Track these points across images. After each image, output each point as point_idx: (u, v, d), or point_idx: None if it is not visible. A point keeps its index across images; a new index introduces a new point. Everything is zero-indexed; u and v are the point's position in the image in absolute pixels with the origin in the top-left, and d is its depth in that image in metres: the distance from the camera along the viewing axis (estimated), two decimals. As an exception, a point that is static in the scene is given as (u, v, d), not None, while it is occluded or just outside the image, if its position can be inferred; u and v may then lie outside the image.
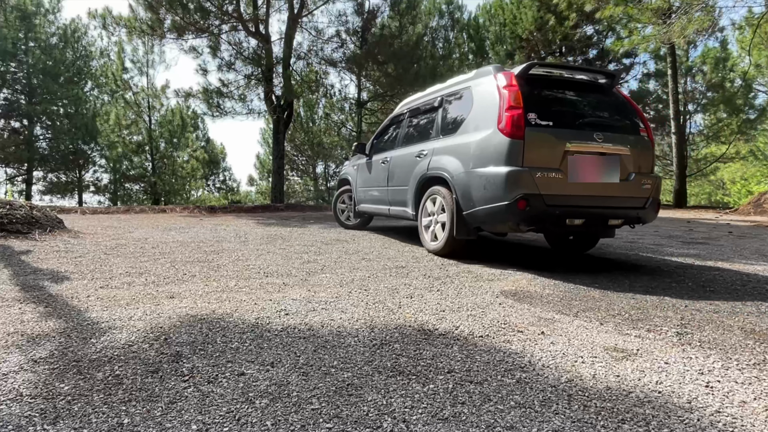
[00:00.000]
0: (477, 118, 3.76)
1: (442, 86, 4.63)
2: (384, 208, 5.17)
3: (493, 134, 3.47)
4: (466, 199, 3.66)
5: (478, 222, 3.66)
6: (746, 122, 17.64)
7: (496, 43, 19.19)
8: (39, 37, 19.00)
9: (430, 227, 4.21)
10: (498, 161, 3.41)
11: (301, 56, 14.45)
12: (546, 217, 3.38)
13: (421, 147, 4.45)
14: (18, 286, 2.65)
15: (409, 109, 5.13)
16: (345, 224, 6.53)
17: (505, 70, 3.71)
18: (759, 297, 2.70)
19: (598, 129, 3.55)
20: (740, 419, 1.28)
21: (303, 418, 1.24)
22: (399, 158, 4.85)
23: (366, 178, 5.67)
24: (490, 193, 3.43)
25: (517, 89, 3.45)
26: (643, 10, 11.45)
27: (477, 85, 3.92)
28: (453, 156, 3.88)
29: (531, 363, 1.64)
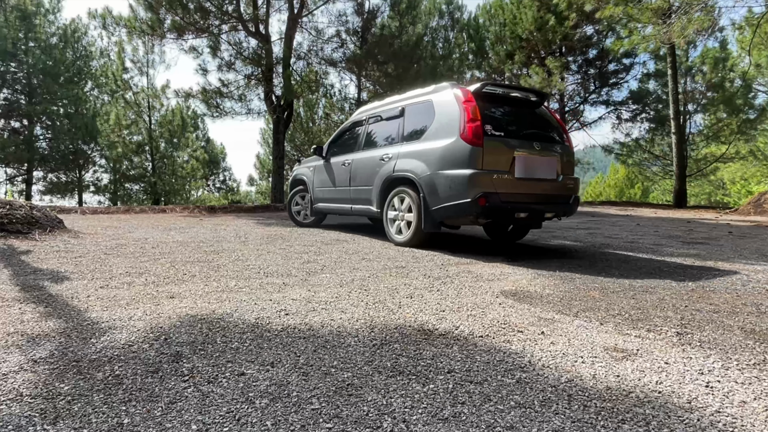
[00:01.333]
0: (440, 128, 4.34)
1: (401, 97, 5.20)
2: (346, 207, 5.56)
3: (456, 142, 4.10)
4: (433, 197, 4.24)
5: (444, 216, 4.24)
6: (746, 122, 17.64)
7: (496, 43, 19.19)
8: (39, 37, 18.99)
9: (396, 223, 4.75)
10: (462, 165, 4.04)
11: (301, 56, 14.45)
12: (500, 211, 4.08)
13: (385, 151, 4.95)
14: (18, 286, 2.65)
15: (369, 116, 5.57)
16: (300, 222, 6.80)
17: (462, 87, 4.35)
18: (759, 297, 2.70)
19: (536, 139, 4.32)
20: (740, 419, 1.28)
21: (303, 418, 1.24)
22: (362, 161, 5.30)
23: (324, 179, 6.02)
24: (456, 191, 4.04)
25: (475, 104, 4.10)
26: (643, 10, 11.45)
27: (438, 98, 4.51)
28: (418, 159, 4.44)
29: (531, 363, 1.64)
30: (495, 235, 5.44)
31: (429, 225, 4.36)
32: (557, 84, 17.08)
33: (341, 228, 6.60)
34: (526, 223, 4.95)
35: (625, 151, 20.59)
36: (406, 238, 4.60)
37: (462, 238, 5.64)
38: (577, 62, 19.13)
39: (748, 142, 18.77)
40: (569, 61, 18.64)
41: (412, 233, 4.51)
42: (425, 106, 4.67)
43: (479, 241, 5.37)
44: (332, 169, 5.88)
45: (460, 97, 4.23)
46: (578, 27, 17.32)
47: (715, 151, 19.88)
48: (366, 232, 6.13)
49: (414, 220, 4.46)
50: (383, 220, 4.93)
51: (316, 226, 6.65)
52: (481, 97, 4.24)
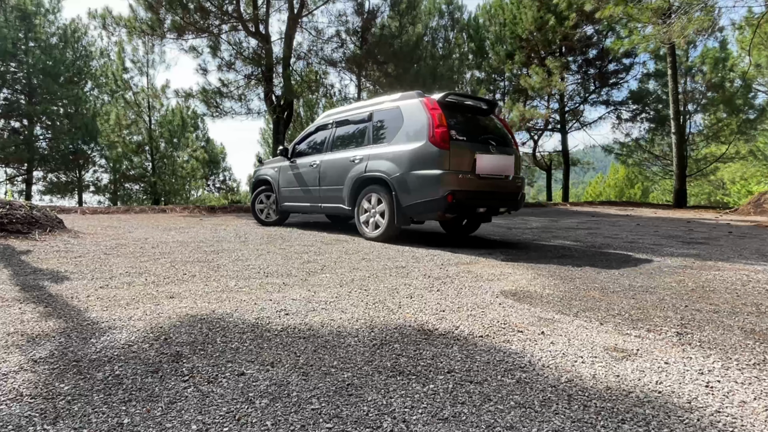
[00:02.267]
0: (409, 132, 4.77)
1: (367, 103, 5.62)
2: (315, 206, 5.90)
3: (425, 145, 4.56)
4: (404, 194, 4.68)
5: (415, 212, 4.72)
6: (746, 122, 17.65)
7: (496, 43, 19.19)
8: (39, 37, 18.99)
9: (368, 219, 5.14)
10: (431, 166, 4.50)
11: (301, 56, 14.44)
12: (464, 207, 4.61)
13: (355, 153, 5.32)
14: (18, 286, 2.65)
15: (335, 120, 5.91)
16: (263, 221, 6.93)
17: (427, 96, 4.83)
18: (759, 297, 2.70)
19: (491, 142, 4.86)
20: (740, 419, 1.28)
21: (303, 418, 1.24)
22: (331, 162, 5.64)
23: (291, 179, 6.28)
24: (426, 189, 4.52)
25: (441, 112, 4.59)
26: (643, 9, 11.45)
27: (406, 105, 4.94)
28: (390, 161, 4.84)
29: (531, 363, 1.64)
30: (450, 229, 5.99)
31: (401, 220, 4.83)
32: (557, 84, 17.07)
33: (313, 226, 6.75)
34: (478, 218, 5.63)
35: (625, 151, 20.59)
36: (379, 233, 5.00)
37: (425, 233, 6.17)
38: (577, 62, 19.13)
39: (748, 142, 18.77)
40: (569, 61, 18.64)
41: (384, 228, 4.92)
42: (393, 112, 5.07)
43: (438, 235, 6.00)
44: (299, 169, 6.15)
45: (427, 104, 4.70)
46: (578, 27, 17.32)
47: (715, 151, 19.89)
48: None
49: (386, 216, 4.88)
50: (355, 217, 5.30)
51: (279, 225, 6.81)
52: (444, 105, 4.75)
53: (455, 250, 4.42)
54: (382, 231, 4.97)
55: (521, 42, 18.50)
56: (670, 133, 16.22)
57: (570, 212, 12.24)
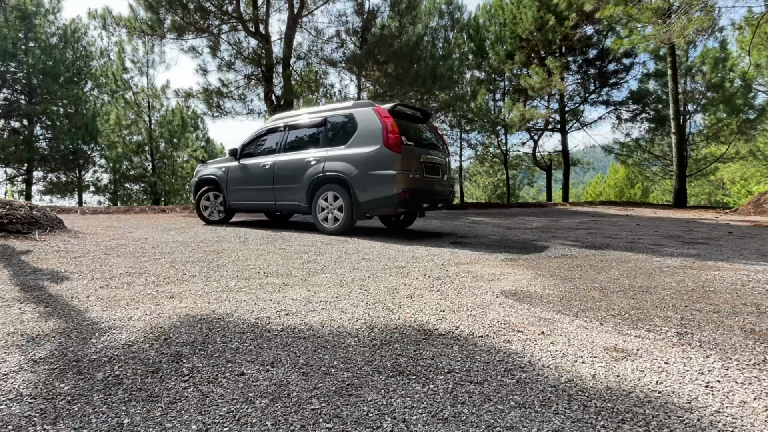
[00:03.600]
0: (365, 137, 5.33)
1: (319, 109, 6.12)
2: (269, 204, 6.23)
3: (381, 149, 5.16)
4: (362, 192, 5.25)
5: (372, 208, 5.31)
6: (746, 122, 17.65)
7: (496, 43, 19.20)
8: (39, 37, 19.00)
9: (326, 215, 5.64)
10: (386, 167, 5.12)
11: (301, 56, 14.45)
12: (413, 203, 5.30)
13: (311, 155, 5.75)
14: (18, 286, 2.65)
15: (286, 123, 6.28)
16: (209, 220, 7.01)
17: (379, 106, 5.45)
18: (759, 297, 2.70)
19: (430, 147, 5.74)
20: (740, 419, 1.28)
21: (303, 418, 1.24)
22: (286, 163, 6.00)
23: (241, 179, 6.51)
24: (382, 188, 5.13)
25: (392, 120, 5.22)
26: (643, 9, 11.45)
27: (359, 113, 5.50)
28: (347, 162, 5.37)
29: (531, 363, 1.64)
30: (389, 223, 6.73)
31: (358, 215, 5.42)
32: (557, 84, 17.07)
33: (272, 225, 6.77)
34: (415, 213, 6.53)
35: (625, 151, 20.61)
36: (337, 227, 5.52)
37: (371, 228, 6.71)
38: (577, 62, 19.14)
39: (748, 142, 18.78)
40: (569, 61, 18.64)
41: (342, 222, 5.47)
42: (347, 118, 5.62)
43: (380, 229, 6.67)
44: (251, 170, 6.39)
45: (379, 113, 5.32)
46: (578, 27, 17.33)
47: (715, 151, 19.90)
48: (364, 232, 6.13)
49: (344, 212, 5.43)
50: (312, 213, 5.76)
51: (224, 224, 6.92)
52: (393, 113, 5.40)
53: (455, 251, 4.42)
54: (339, 225, 5.49)
55: (521, 42, 18.51)
56: (670, 133, 16.23)
57: (570, 212, 12.24)
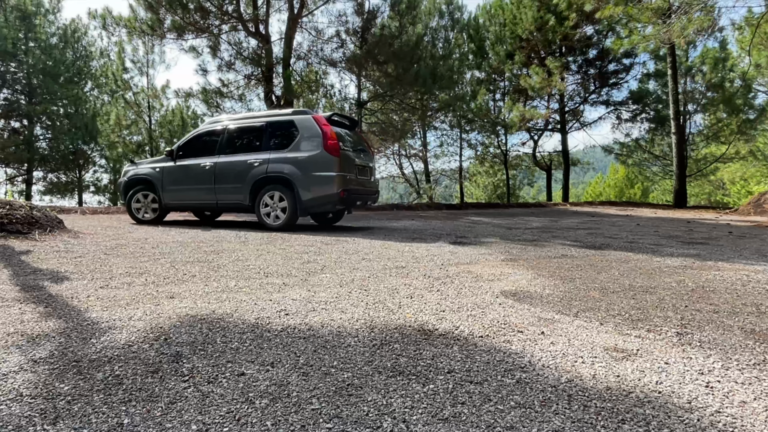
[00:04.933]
0: (306, 142, 5.95)
1: (259, 114, 6.64)
2: (209, 203, 6.61)
3: (321, 153, 5.84)
4: (305, 192, 5.86)
5: (314, 206, 5.95)
6: (746, 122, 17.65)
7: (496, 43, 19.19)
8: (39, 37, 18.99)
9: (270, 212, 6.11)
10: (327, 169, 5.80)
11: (301, 56, 14.45)
12: (350, 201, 6.04)
13: (254, 157, 6.21)
14: (18, 286, 2.65)
15: (225, 126, 6.64)
16: (140, 220, 7.06)
17: (316, 114, 6.12)
18: (759, 297, 2.70)
19: (361, 152, 6.56)
20: (740, 419, 1.28)
21: (303, 418, 1.24)
22: (228, 164, 6.40)
23: (179, 179, 6.76)
24: (324, 188, 5.80)
25: (330, 127, 5.94)
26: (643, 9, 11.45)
27: (300, 120, 6.10)
28: (290, 164, 5.95)
29: (531, 363, 1.64)
30: (320, 220, 7.32)
31: (301, 212, 6.02)
32: (557, 84, 17.07)
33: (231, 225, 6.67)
34: (342, 211, 7.06)
35: (625, 151, 20.60)
36: (281, 223, 6.03)
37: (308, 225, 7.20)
38: (577, 62, 19.13)
39: (748, 142, 18.78)
40: (569, 61, 18.64)
41: (286, 219, 6.00)
42: (288, 124, 6.16)
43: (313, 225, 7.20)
44: (189, 170, 6.65)
45: (319, 120, 5.98)
46: (578, 27, 17.33)
47: (715, 151, 19.89)
48: (363, 232, 6.12)
49: (288, 209, 5.97)
50: (256, 211, 6.21)
51: (157, 223, 6.96)
52: (330, 122, 6.10)
53: (455, 251, 4.42)
54: (283, 222, 6.01)
55: (521, 42, 18.50)
56: (670, 133, 16.22)
57: (570, 212, 12.24)
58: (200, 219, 8.04)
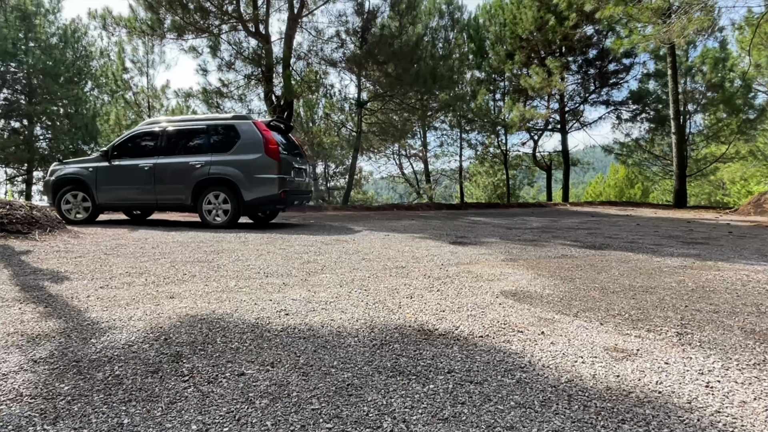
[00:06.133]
0: (248, 146, 6.34)
1: (200, 117, 6.96)
2: (149, 202, 6.78)
3: (263, 156, 6.25)
4: (248, 192, 6.26)
5: (256, 205, 6.42)
6: (746, 122, 17.64)
7: (496, 43, 19.18)
8: (39, 37, 18.98)
9: (212, 212, 6.44)
10: (269, 171, 6.23)
11: (301, 56, 14.45)
12: (289, 201, 6.60)
13: (195, 158, 6.48)
14: (18, 286, 2.65)
15: (163, 128, 6.80)
16: (71, 220, 6.96)
17: (256, 120, 6.53)
18: (759, 297, 2.70)
19: (298, 155, 7.09)
20: (740, 419, 1.28)
21: (303, 418, 1.24)
22: (168, 165, 6.59)
23: (115, 179, 6.84)
24: (266, 189, 6.24)
25: (270, 133, 6.38)
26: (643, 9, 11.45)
27: (241, 125, 6.47)
28: (233, 167, 6.31)
29: (531, 363, 1.64)
30: (256, 218, 7.64)
31: (244, 212, 6.44)
32: (557, 84, 17.07)
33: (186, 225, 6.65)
34: (276, 210, 7.55)
35: (625, 151, 20.59)
36: (223, 222, 6.38)
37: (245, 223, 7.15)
38: (577, 62, 19.12)
39: (748, 142, 18.77)
40: (569, 61, 18.62)
41: (229, 218, 6.37)
42: (229, 128, 6.50)
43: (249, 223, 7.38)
44: (127, 170, 6.74)
45: (259, 126, 6.39)
46: (578, 27, 17.32)
47: (715, 151, 19.88)
48: (363, 232, 6.12)
49: (231, 209, 6.34)
50: (198, 210, 6.48)
51: (90, 223, 6.88)
52: (269, 127, 6.50)
53: (455, 251, 4.42)
54: (226, 220, 6.37)
55: (521, 42, 18.49)
56: (670, 133, 16.21)
57: (570, 212, 12.24)
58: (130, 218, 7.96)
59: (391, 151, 23.48)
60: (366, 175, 25.68)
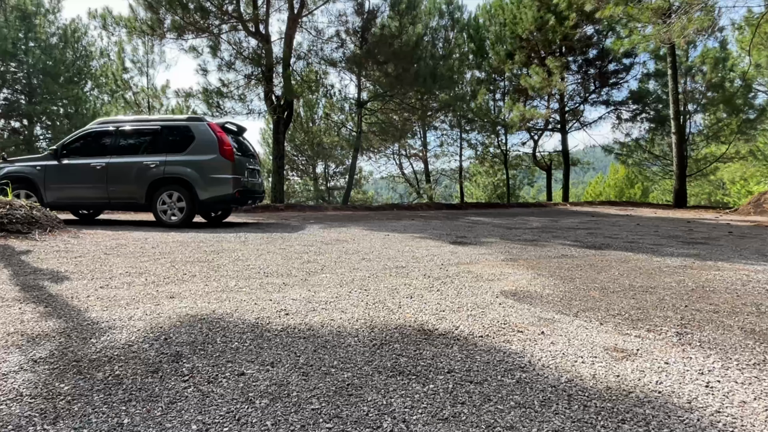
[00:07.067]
0: (202, 147, 6.46)
1: (154, 118, 7.01)
2: (101, 201, 6.78)
3: (218, 157, 6.40)
4: (203, 192, 6.38)
5: (211, 205, 6.65)
6: (746, 122, 17.65)
7: (496, 43, 19.19)
8: (39, 37, 18.98)
9: (166, 210, 6.50)
10: (224, 172, 6.41)
11: (301, 56, 14.46)
12: (243, 200, 6.78)
13: (149, 158, 6.53)
14: (18, 286, 2.65)
15: (116, 128, 6.83)
16: None
17: (211, 121, 6.66)
18: (759, 297, 2.70)
19: (251, 156, 7.34)
20: (740, 419, 1.28)
21: (303, 418, 1.24)
22: (122, 164, 6.62)
23: (65, 177, 6.79)
24: (222, 188, 6.41)
25: (224, 134, 6.54)
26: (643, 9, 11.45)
27: (195, 126, 6.57)
28: (188, 167, 6.40)
29: (531, 363, 1.64)
30: (208, 218, 7.72)
31: (199, 210, 6.60)
32: (557, 84, 17.07)
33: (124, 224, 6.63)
34: (229, 209, 7.81)
35: (625, 151, 20.60)
36: (178, 220, 6.46)
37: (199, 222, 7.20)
38: (577, 62, 19.13)
39: (748, 142, 18.77)
40: (569, 61, 18.63)
41: (185, 216, 6.45)
42: (184, 129, 6.58)
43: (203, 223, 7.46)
44: (78, 169, 6.72)
45: (214, 128, 6.53)
46: (578, 27, 17.32)
47: (715, 151, 19.88)
48: (363, 232, 6.12)
49: (186, 208, 6.43)
50: (153, 209, 6.52)
51: None
52: (223, 129, 6.66)
53: (455, 251, 4.42)
54: (181, 219, 6.45)
55: (521, 42, 18.50)
56: (670, 133, 16.22)
57: (570, 212, 12.24)
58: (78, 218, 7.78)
59: (391, 151, 23.49)
60: (366, 175, 25.71)
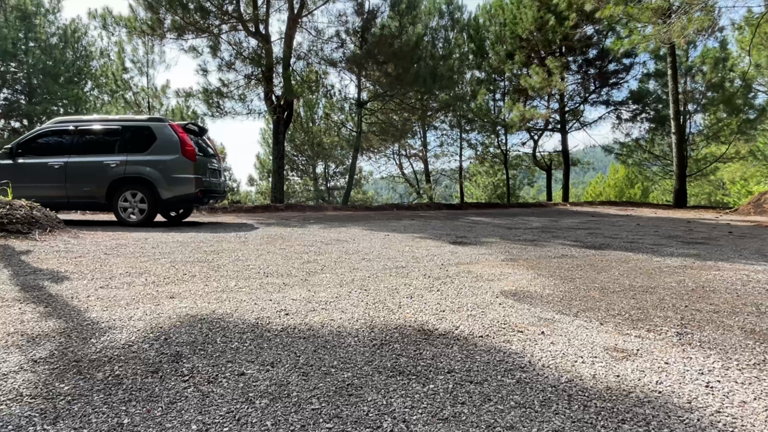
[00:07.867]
0: (164, 147, 6.57)
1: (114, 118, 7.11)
2: (59, 200, 6.72)
3: (180, 157, 6.53)
4: (165, 191, 6.48)
5: (173, 204, 6.94)
6: (746, 122, 17.65)
7: (496, 43, 19.18)
8: (39, 37, 18.98)
9: (127, 210, 6.57)
10: (186, 172, 6.54)
11: (301, 56, 14.45)
12: (205, 200, 6.93)
13: (110, 158, 6.59)
14: (18, 286, 2.65)
15: (77, 127, 6.83)
16: None
17: (172, 122, 6.81)
18: (759, 297, 2.70)
19: (212, 156, 7.41)
20: (740, 419, 1.28)
21: (303, 418, 1.24)
22: (81, 164, 6.64)
23: (21, 176, 6.75)
24: (184, 188, 6.54)
25: (186, 135, 6.66)
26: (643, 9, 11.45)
27: (156, 127, 6.68)
28: (150, 167, 6.50)
29: (531, 363, 1.64)
30: (169, 216, 7.81)
31: (162, 209, 6.83)
32: (557, 84, 17.07)
33: None
34: (191, 208, 8.01)
35: (625, 151, 20.60)
36: (140, 219, 6.55)
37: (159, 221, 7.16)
38: (577, 62, 19.12)
39: (748, 142, 18.77)
40: (569, 61, 18.63)
41: (146, 216, 6.54)
42: (145, 130, 6.67)
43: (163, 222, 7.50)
44: (35, 168, 6.75)
45: (176, 128, 6.66)
46: (578, 27, 17.32)
47: (715, 151, 19.88)
48: (363, 232, 6.12)
49: (148, 207, 6.52)
50: (114, 208, 6.59)
51: None
52: (185, 130, 6.79)
53: (455, 251, 4.42)
54: (143, 218, 6.54)
55: (521, 42, 18.49)
56: (670, 133, 16.22)
57: (570, 212, 12.24)
58: None
59: (391, 151, 23.50)
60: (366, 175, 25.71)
